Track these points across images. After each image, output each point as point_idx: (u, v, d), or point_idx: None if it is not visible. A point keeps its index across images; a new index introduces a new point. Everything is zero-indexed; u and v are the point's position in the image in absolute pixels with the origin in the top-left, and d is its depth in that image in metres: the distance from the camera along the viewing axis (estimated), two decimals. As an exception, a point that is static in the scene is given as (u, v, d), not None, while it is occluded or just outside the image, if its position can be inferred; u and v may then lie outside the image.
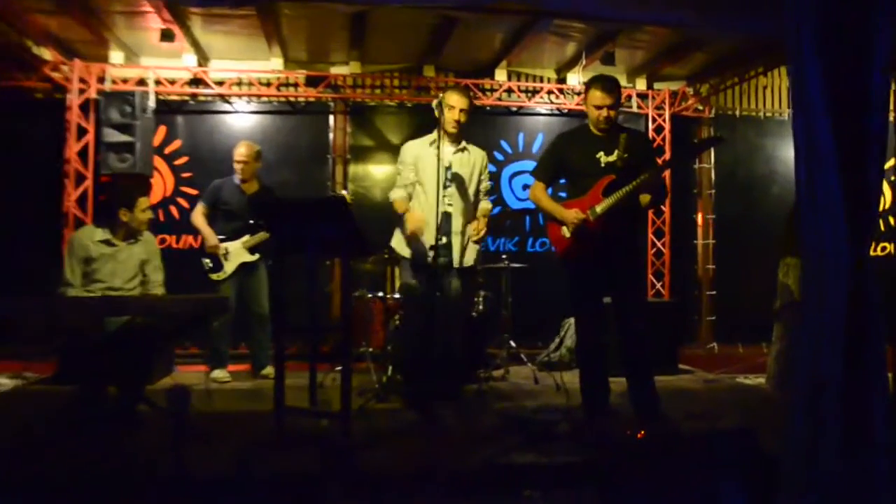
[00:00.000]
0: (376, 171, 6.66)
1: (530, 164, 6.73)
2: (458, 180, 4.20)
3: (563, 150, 3.85)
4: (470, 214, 4.25)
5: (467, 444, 3.38)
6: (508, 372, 5.27)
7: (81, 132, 6.10)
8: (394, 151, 6.76)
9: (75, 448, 3.17)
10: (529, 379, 5.15)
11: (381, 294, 5.20)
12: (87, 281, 3.89)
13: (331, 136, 6.56)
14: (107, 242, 3.97)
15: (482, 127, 6.49)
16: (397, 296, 5.09)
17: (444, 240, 4.03)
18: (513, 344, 5.40)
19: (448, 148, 4.15)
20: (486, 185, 4.39)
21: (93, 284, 3.89)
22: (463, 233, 4.20)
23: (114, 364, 3.57)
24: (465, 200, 4.21)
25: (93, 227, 4.03)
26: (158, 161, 6.26)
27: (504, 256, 5.46)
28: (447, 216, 4.02)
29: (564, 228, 3.76)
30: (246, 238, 5.13)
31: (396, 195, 4.27)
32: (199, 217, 5.19)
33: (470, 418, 3.94)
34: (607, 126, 3.73)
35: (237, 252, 5.14)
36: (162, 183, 6.37)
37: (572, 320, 5.80)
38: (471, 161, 4.30)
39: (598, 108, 3.69)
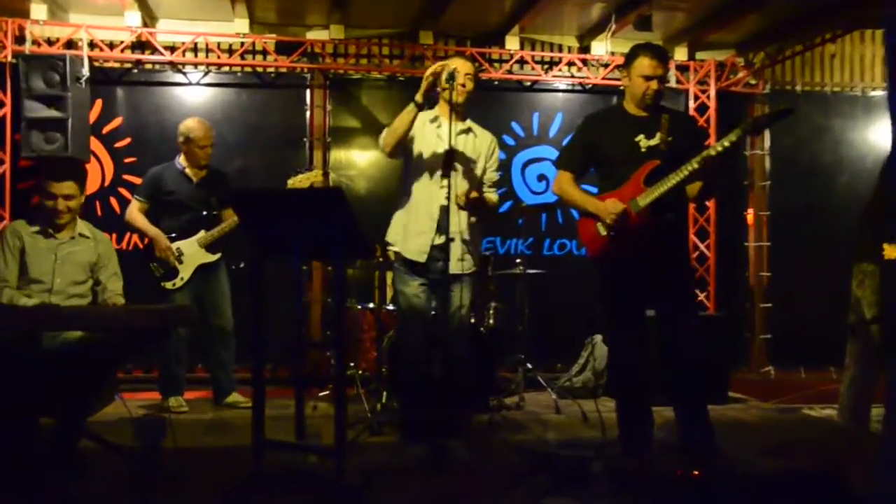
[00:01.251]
0: (362, 157, 6.71)
1: (547, 151, 6.82)
2: (461, 168, 4.23)
3: (595, 134, 3.91)
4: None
5: (482, 486, 3.43)
6: (524, 399, 5.32)
7: None
8: (379, 134, 6.83)
9: None
10: (549, 407, 5.21)
11: (371, 305, 5.24)
12: (23, 281, 3.94)
13: (307, 114, 6.60)
14: (43, 233, 4.02)
15: (489, 105, 6.54)
16: (391, 307, 5.14)
17: (442, 239, 4.06)
18: (529, 366, 5.45)
19: (450, 127, 4.15)
20: (493, 174, 4.42)
21: (30, 286, 3.93)
22: (464, 238, 4.22)
23: (49, 389, 3.55)
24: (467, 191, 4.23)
25: (25, 222, 4.09)
26: (95, 143, 6.27)
27: (518, 261, 5.51)
28: (445, 212, 4.05)
29: (600, 225, 3.81)
30: (202, 234, 5.18)
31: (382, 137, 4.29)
32: (136, 215, 5.23)
33: (482, 454, 3.98)
34: (654, 102, 3.81)
35: (193, 252, 5.18)
36: (99, 170, 6.37)
37: (598, 338, 5.89)
38: (476, 146, 4.34)
39: (649, 78, 3.77)
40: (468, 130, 4.32)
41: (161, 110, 6.44)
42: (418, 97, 4.01)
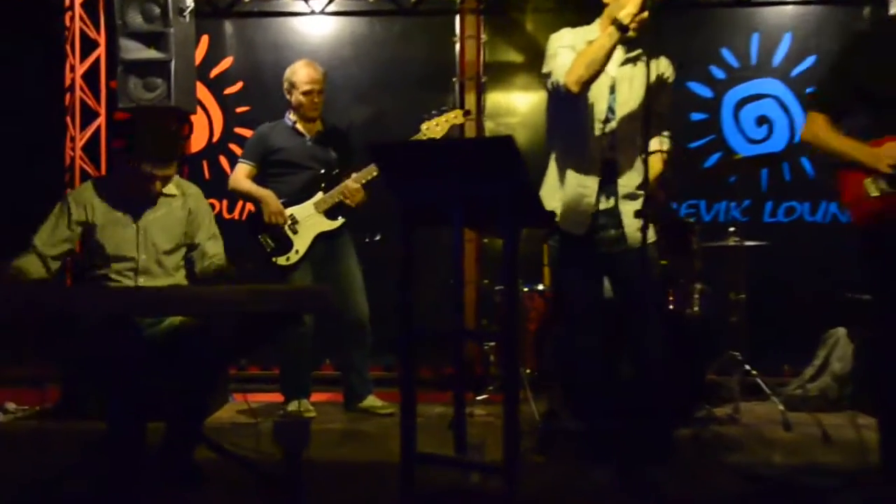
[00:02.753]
0: (524, 101, 6.73)
1: (769, 85, 6.59)
2: (626, 108, 4.09)
3: (864, 62, 3.72)
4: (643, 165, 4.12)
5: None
6: (740, 410, 5.22)
7: (87, 46, 6.44)
8: None
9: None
10: (775, 422, 5.12)
11: (540, 287, 5.27)
12: (100, 259, 4.01)
13: (456, 48, 6.66)
14: (119, 199, 4.06)
15: (690, 27, 6.43)
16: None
17: (611, 202, 4.02)
18: (747, 367, 5.32)
19: (616, 56, 4.01)
20: (667, 109, 4.23)
21: (111, 265, 3.99)
22: (634, 196, 4.10)
23: (157, 386, 3.75)
24: (634, 143, 4.09)
25: (95, 185, 4.14)
26: (201, 90, 6.55)
27: (731, 230, 5.37)
28: (611, 166, 3.97)
29: (869, 181, 3.64)
30: (319, 196, 5.35)
31: (560, 66, 4.08)
32: (242, 180, 5.46)
33: (688, 481, 3.94)
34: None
35: (310, 219, 5.35)
36: (206, 123, 6.68)
37: (841, 332, 5.70)
38: (644, 77, 4.03)
39: None
40: (637, 58, 4.12)
41: (279, 47, 6.65)
42: (624, 17, 3.85)
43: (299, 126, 5.43)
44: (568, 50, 4.07)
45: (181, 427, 3.80)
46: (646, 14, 3.87)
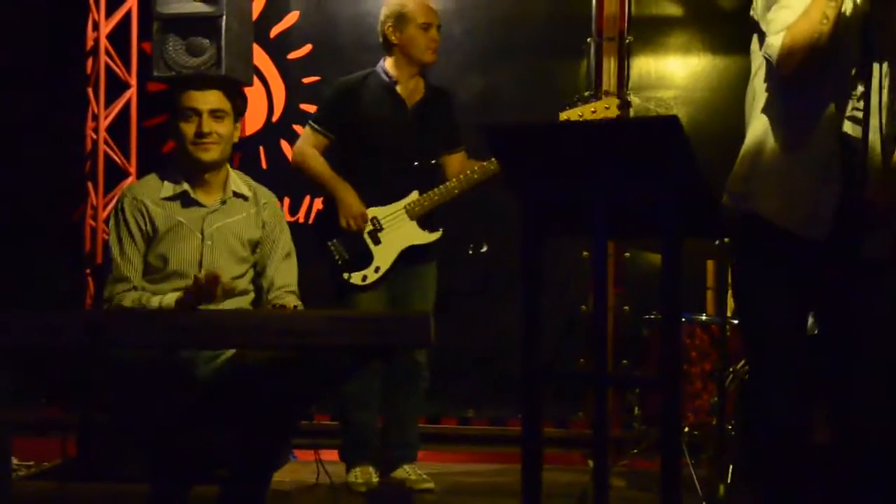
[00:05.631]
0: (683, 69, 6.72)
1: None
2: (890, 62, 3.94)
3: None
4: None
5: None
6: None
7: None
8: (718, 29, 6.75)
9: None
10: None
11: (703, 317, 5.20)
12: (155, 276, 4.16)
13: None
14: (180, 197, 4.20)
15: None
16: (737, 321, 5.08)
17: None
18: None
19: None
20: None
21: (164, 282, 4.13)
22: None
23: (215, 442, 3.80)
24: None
25: (156, 177, 4.28)
26: (258, 54, 6.62)
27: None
28: (847, 141, 3.82)
29: None
30: (414, 196, 5.30)
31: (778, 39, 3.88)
32: (310, 154, 5.36)
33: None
34: None
35: (398, 226, 5.30)
36: (264, 97, 6.74)
37: None
38: None
39: None
40: None
41: (357, 1, 6.68)
42: None
43: (399, 87, 5.35)
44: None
45: (239, 493, 3.83)
46: None
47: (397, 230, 5.28)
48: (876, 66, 3.78)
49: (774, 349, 4.01)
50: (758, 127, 4.02)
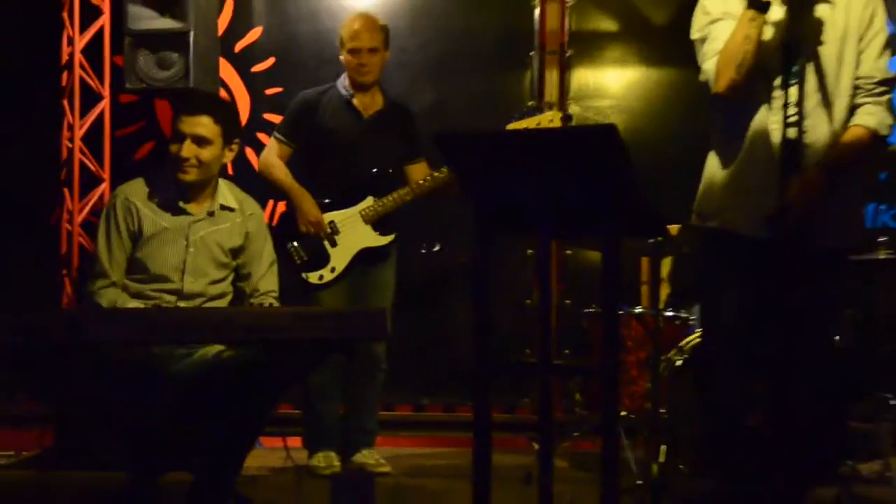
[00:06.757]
0: (619, 79, 6.83)
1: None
2: (814, 66, 3.95)
3: None
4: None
5: None
6: (892, 468, 5.23)
7: (89, 14, 6.54)
8: (651, 43, 6.81)
9: None
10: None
11: (638, 309, 5.43)
12: (139, 278, 4.29)
13: (535, 14, 6.72)
14: (168, 205, 4.33)
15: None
16: (669, 313, 5.37)
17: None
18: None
19: None
20: (875, 65, 4.05)
21: (148, 285, 4.27)
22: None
23: (188, 434, 3.89)
24: (831, 114, 4.01)
25: (142, 185, 4.40)
26: (224, 67, 6.69)
27: (881, 240, 5.40)
28: (792, 149, 3.79)
29: None
30: (369, 202, 5.40)
31: (710, 64, 4.05)
32: (275, 163, 5.48)
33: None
34: None
35: (354, 230, 5.40)
36: (231, 107, 6.82)
37: None
38: (841, 23, 3.98)
39: None
40: None
41: (317, 16, 6.79)
42: None
43: (356, 101, 5.49)
44: (726, 22, 4.01)
45: (211, 481, 3.91)
46: None
47: (353, 233, 5.38)
48: (810, 66, 3.89)
49: (729, 338, 4.15)
50: (711, 152, 4.20)
